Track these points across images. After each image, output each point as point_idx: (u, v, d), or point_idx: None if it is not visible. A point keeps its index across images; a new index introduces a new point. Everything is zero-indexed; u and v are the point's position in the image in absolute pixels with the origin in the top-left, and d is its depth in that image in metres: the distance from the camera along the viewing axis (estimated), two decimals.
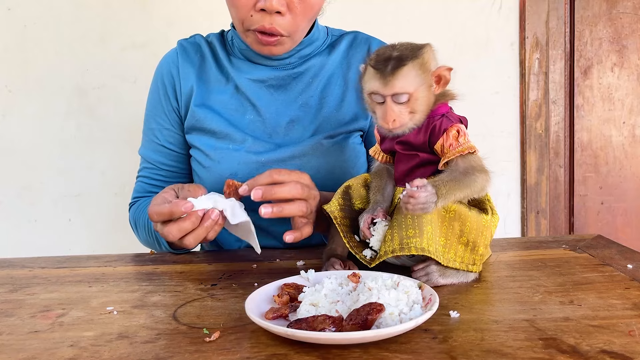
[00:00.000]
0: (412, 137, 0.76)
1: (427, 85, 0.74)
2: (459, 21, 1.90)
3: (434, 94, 0.76)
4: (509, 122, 1.96)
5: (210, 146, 1.03)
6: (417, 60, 0.73)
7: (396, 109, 0.73)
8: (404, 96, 0.73)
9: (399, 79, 0.72)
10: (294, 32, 0.97)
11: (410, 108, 0.74)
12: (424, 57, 0.74)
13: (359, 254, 0.78)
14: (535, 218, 1.99)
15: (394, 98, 0.73)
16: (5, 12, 1.85)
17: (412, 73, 0.73)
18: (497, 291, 0.71)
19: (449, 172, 0.73)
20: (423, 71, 0.73)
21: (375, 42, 1.11)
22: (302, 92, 1.05)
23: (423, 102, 0.74)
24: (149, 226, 1.03)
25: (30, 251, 1.82)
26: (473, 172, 0.73)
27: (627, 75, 2.00)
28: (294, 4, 0.93)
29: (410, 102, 0.73)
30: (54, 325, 0.64)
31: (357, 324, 0.56)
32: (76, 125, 1.89)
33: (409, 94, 0.73)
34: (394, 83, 0.72)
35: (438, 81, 0.76)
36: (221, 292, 0.75)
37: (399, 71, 0.72)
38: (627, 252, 0.86)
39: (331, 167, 1.01)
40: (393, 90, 0.72)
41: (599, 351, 0.52)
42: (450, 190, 0.70)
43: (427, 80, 0.74)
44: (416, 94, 0.73)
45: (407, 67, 0.72)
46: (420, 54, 0.74)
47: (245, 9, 0.93)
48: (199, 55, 1.09)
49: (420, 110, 0.75)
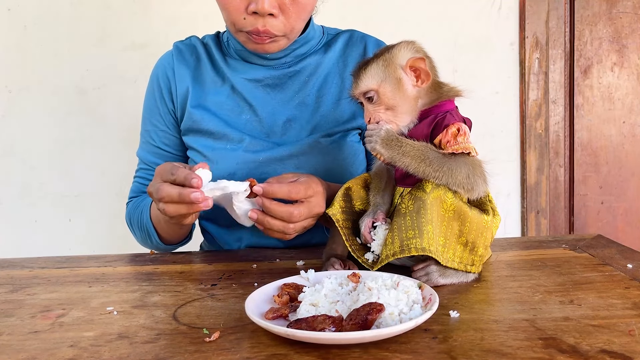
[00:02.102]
0: (417, 131, 0.77)
1: (394, 79, 0.76)
2: (459, 21, 1.90)
3: (414, 89, 0.77)
4: (509, 122, 1.96)
5: (207, 147, 1.03)
6: (381, 57, 0.77)
7: (370, 107, 0.78)
8: (371, 93, 0.77)
9: (362, 78, 0.78)
10: (288, 33, 0.97)
11: (384, 105, 0.77)
12: (392, 53, 0.77)
13: (361, 257, 0.78)
14: (535, 218, 1.99)
15: (365, 98, 0.78)
16: (6, 13, 1.85)
17: (373, 71, 0.77)
18: (497, 291, 0.71)
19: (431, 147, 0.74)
20: (386, 66, 0.76)
21: (371, 40, 1.11)
22: (298, 91, 1.05)
23: (396, 96, 0.76)
24: (141, 220, 1.04)
25: (31, 251, 1.83)
26: (459, 165, 0.72)
27: (627, 75, 2.00)
28: (286, 6, 0.93)
29: (380, 98, 0.77)
30: (54, 326, 0.65)
31: (357, 323, 0.56)
32: (76, 125, 1.89)
33: (374, 90, 0.77)
34: (359, 83, 0.78)
35: (418, 75, 0.76)
36: (221, 292, 0.75)
37: (362, 71, 0.78)
38: (627, 252, 0.86)
39: (329, 165, 1.01)
40: (359, 90, 0.78)
41: (599, 351, 0.52)
42: (408, 150, 0.72)
43: (392, 74, 0.76)
44: (382, 90, 0.76)
45: (370, 66, 0.78)
46: (388, 51, 0.78)
47: (237, 12, 0.93)
48: (194, 56, 1.09)
49: (397, 105, 0.76)
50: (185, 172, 0.77)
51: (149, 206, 1.03)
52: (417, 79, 0.77)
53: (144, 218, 1.03)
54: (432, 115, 0.77)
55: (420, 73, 0.76)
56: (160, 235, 1.03)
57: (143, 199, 1.08)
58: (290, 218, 0.81)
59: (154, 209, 1.01)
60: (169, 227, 0.99)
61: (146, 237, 1.05)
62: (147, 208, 1.03)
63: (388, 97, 0.76)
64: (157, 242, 1.03)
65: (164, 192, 0.78)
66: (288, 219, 0.81)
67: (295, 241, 1.05)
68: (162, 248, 1.06)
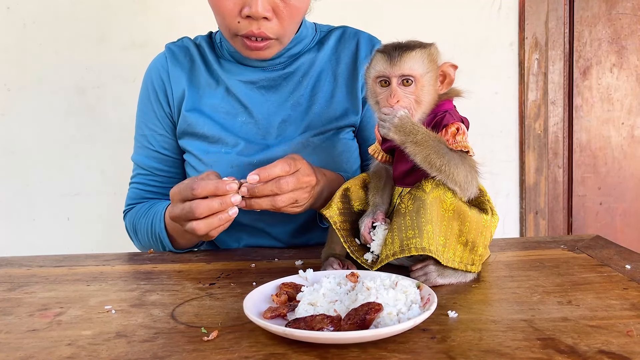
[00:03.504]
0: None
1: (433, 76, 0.76)
2: (458, 21, 1.90)
3: (437, 91, 0.77)
4: (508, 122, 1.96)
5: (202, 150, 1.03)
6: (426, 49, 0.76)
7: (400, 91, 0.75)
8: (411, 78, 0.75)
9: (406, 61, 0.75)
10: (283, 36, 0.97)
11: (415, 95, 0.75)
12: (432, 49, 0.77)
13: (360, 257, 0.78)
14: (534, 218, 1.99)
15: (400, 80, 0.75)
16: (5, 11, 1.84)
17: (419, 58, 0.75)
18: (496, 291, 0.71)
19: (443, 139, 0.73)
20: (430, 61, 0.76)
21: (364, 36, 1.11)
22: (293, 91, 1.05)
23: (428, 92, 0.76)
24: (153, 229, 1.01)
25: (29, 250, 1.83)
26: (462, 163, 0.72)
27: (626, 76, 2.00)
28: (280, 9, 0.93)
29: (416, 87, 0.75)
30: (52, 324, 0.64)
31: (356, 323, 0.56)
32: (75, 124, 1.89)
33: (415, 78, 0.75)
34: (402, 65, 0.74)
35: (442, 79, 0.77)
36: (219, 291, 0.75)
37: (408, 54, 0.75)
38: (626, 253, 0.86)
39: (323, 163, 1.00)
40: (401, 71, 0.75)
41: (597, 351, 0.52)
42: (424, 139, 0.71)
43: (433, 70, 0.76)
44: (422, 81, 0.75)
45: (416, 52, 0.75)
46: (428, 46, 0.77)
47: (231, 16, 0.93)
48: (188, 58, 1.09)
49: (424, 100, 0.76)
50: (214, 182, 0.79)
51: (162, 215, 1.00)
52: (441, 82, 0.78)
53: (157, 228, 1.00)
54: (431, 114, 0.77)
55: (445, 78, 0.77)
56: (174, 244, 1.01)
57: (148, 208, 1.06)
58: (280, 188, 0.81)
59: (169, 219, 0.98)
60: (192, 238, 0.98)
61: (157, 245, 1.02)
62: (159, 218, 1.00)
63: (424, 89, 0.76)
64: (169, 249, 1.01)
65: (203, 207, 0.79)
66: (278, 190, 0.81)
67: (294, 241, 1.05)
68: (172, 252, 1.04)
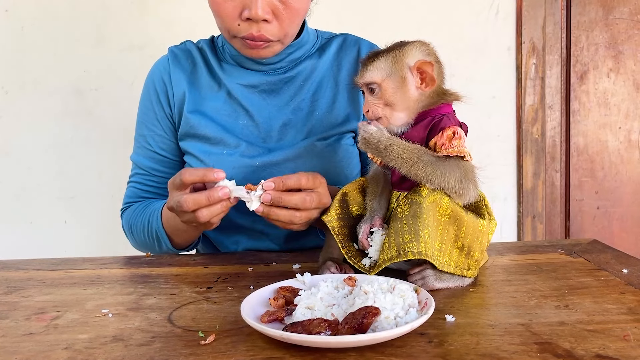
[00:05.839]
0: (414, 133, 0.77)
1: (398, 77, 0.76)
2: (456, 25, 1.91)
3: (420, 90, 0.77)
4: (505, 127, 1.97)
5: (204, 152, 1.03)
6: (392, 52, 0.77)
7: (370, 99, 0.78)
8: (373, 85, 0.78)
9: (368, 69, 0.78)
10: (283, 37, 0.98)
11: (383, 100, 0.77)
12: (403, 51, 0.77)
13: (358, 263, 0.78)
14: (532, 222, 1.99)
15: (368, 89, 0.78)
16: (3, 14, 1.84)
17: (381, 64, 0.77)
18: (493, 295, 0.71)
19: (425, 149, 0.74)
20: (394, 63, 0.77)
21: (365, 43, 1.12)
22: (294, 95, 1.06)
23: (397, 94, 0.76)
24: (150, 226, 1.02)
25: (26, 253, 1.82)
26: (452, 169, 0.72)
27: (623, 81, 2.01)
28: (279, 11, 0.93)
29: (381, 93, 0.77)
30: (49, 328, 0.64)
31: (353, 327, 0.56)
32: (73, 126, 1.88)
33: (377, 84, 0.77)
34: (364, 74, 0.78)
35: (423, 78, 0.76)
36: (217, 295, 0.75)
37: (370, 62, 0.78)
38: (623, 257, 0.87)
39: (325, 168, 1.01)
40: (363, 80, 0.79)
41: (594, 355, 0.52)
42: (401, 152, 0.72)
43: (399, 72, 0.76)
44: (385, 85, 0.77)
45: (379, 58, 0.78)
46: (400, 48, 0.78)
47: (230, 18, 0.93)
48: (190, 61, 1.09)
49: (396, 103, 0.76)
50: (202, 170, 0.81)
51: (159, 213, 1.01)
52: (422, 81, 0.77)
53: (154, 225, 1.01)
54: (429, 117, 0.77)
55: (426, 76, 0.76)
56: (171, 241, 1.01)
57: (146, 206, 1.06)
58: (304, 204, 0.81)
59: (166, 216, 0.99)
60: (188, 233, 0.98)
61: (154, 243, 1.03)
62: (157, 215, 1.01)
63: (389, 93, 0.76)
64: (168, 248, 1.02)
65: (191, 201, 0.79)
66: (302, 205, 0.81)
67: (291, 245, 1.06)
68: (171, 252, 1.05)
